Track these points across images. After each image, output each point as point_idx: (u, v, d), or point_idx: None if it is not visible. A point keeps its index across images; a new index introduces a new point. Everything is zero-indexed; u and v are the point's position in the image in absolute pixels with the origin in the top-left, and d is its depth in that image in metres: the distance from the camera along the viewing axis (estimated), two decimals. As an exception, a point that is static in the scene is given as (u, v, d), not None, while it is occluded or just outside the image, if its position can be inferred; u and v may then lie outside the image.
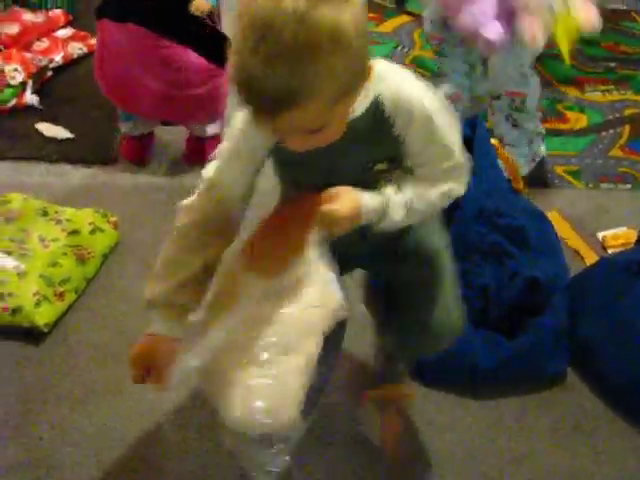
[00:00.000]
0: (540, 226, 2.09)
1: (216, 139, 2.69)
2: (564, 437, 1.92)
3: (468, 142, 2.02)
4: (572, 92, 3.28)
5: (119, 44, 2.46)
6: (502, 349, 1.92)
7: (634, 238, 2.29)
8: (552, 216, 2.53)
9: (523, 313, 1.97)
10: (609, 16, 3.86)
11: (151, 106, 2.54)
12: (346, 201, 1.33)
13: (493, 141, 2.43)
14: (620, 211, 2.64)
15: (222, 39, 2.41)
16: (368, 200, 1.35)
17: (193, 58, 2.47)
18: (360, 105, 1.29)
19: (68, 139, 2.74)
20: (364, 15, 1.17)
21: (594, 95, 3.28)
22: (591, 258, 2.37)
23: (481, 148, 2.08)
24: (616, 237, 2.48)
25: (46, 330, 2.04)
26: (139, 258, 2.32)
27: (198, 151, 2.66)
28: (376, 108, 1.30)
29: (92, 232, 2.27)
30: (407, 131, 1.33)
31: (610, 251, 2.42)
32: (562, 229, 2.50)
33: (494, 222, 2.02)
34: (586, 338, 2.03)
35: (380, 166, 1.37)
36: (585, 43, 3.61)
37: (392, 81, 1.31)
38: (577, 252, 2.43)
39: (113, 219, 2.35)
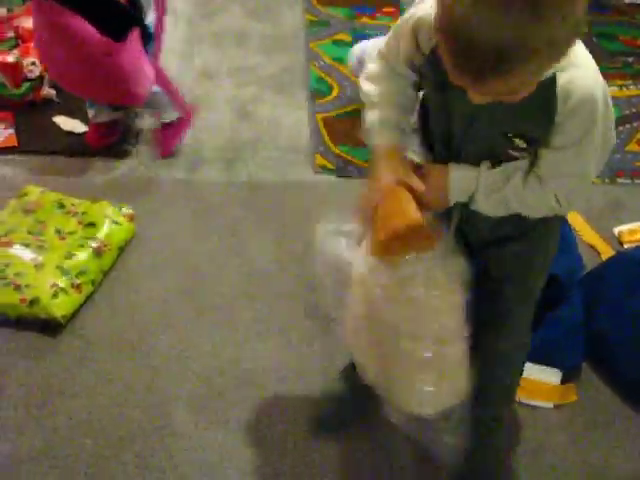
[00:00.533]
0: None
1: (175, 127, 2.72)
2: (579, 431, 1.92)
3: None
4: (589, 87, 3.26)
5: (42, 23, 2.40)
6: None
7: (651, 233, 2.29)
8: (568, 211, 2.53)
9: (541, 308, 1.96)
10: (626, 10, 3.86)
11: (74, 85, 2.52)
12: (433, 180, 1.37)
13: None
14: (637, 206, 2.63)
15: (122, 9, 2.37)
16: (456, 180, 1.36)
17: (90, 31, 2.32)
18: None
19: (85, 132, 2.75)
20: None
21: (611, 90, 3.24)
22: (607, 253, 2.37)
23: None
24: (632, 232, 2.47)
25: (63, 321, 2.05)
26: (155, 251, 2.33)
27: (159, 141, 2.71)
28: (550, 84, 1.23)
29: (108, 225, 2.28)
30: (564, 122, 1.26)
31: (626, 246, 2.41)
32: (578, 224, 2.50)
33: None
34: (601, 332, 2.03)
35: (518, 142, 1.31)
36: (603, 37, 3.60)
37: (577, 66, 1.24)
38: (593, 247, 2.43)
39: (129, 212, 2.36)
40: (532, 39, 1.05)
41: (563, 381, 1.97)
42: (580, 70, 1.24)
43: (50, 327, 2.06)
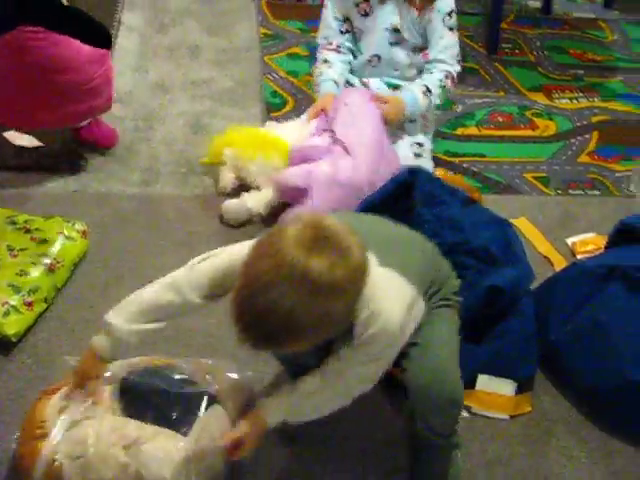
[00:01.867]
0: (504, 235, 2.08)
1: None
2: (536, 441, 1.93)
3: (409, 186, 2.10)
4: (541, 99, 3.31)
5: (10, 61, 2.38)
6: (472, 356, 1.93)
7: (603, 244, 2.31)
8: (521, 222, 2.56)
9: (488, 320, 1.98)
10: (576, 24, 3.92)
11: (49, 121, 2.53)
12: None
13: (437, 172, 2.60)
14: (589, 217, 2.67)
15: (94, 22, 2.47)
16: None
17: (80, 44, 2.40)
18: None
19: (37, 147, 2.71)
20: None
21: (562, 102, 3.31)
22: (561, 264, 2.39)
23: (424, 193, 2.10)
24: (585, 243, 2.50)
25: (15, 340, 2.02)
26: (109, 267, 2.30)
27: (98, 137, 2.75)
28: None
29: (61, 241, 2.25)
30: (360, 345, 1.49)
31: (580, 257, 2.43)
32: (532, 235, 2.53)
33: (461, 251, 2.01)
34: (555, 342, 2.05)
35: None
36: (554, 51, 3.65)
37: (376, 302, 1.44)
38: (547, 258, 2.45)
39: (82, 228, 2.33)
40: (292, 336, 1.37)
41: (518, 392, 1.99)
42: (380, 305, 1.45)
43: (2, 346, 2.02)
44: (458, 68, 2.73)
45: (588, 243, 2.50)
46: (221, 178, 2.58)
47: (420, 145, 2.68)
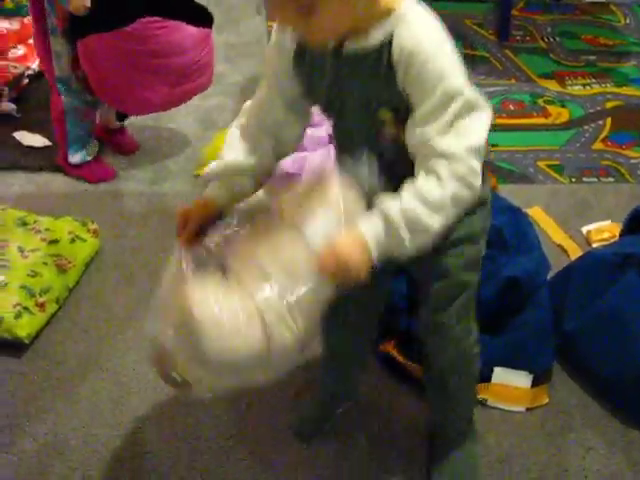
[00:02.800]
0: (517, 223, 2.07)
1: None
2: (553, 434, 1.91)
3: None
4: (553, 86, 3.28)
5: (113, 55, 2.42)
6: (488, 348, 1.91)
7: (619, 231, 2.29)
8: (535, 212, 2.53)
9: (505, 312, 1.96)
10: (588, 9, 3.88)
11: (162, 103, 2.57)
12: (346, 247, 1.27)
13: None
14: (604, 205, 2.64)
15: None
16: (368, 227, 1.28)
17: (189, 26, 2.47)
18: (372, 38, 1.28)
19: (46, 147, 2.71)
20: None
21: (575, 89, 3.28)
22: (576, 253, 2.36)
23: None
24: (600, 231, 2.47)
25: (28, 342, 2.01)
26: (120, 266, 2.30)
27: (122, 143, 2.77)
28: (386, 50, 1.27)
29: (72, 241, 2.25)
30: (406, 83, 1.28)
31: (595, 245, 2.40)
32: (546, 225, 2.50)
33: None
34: (572, 332, 2.02)
35: (383, 112, 1.32)
36: (565, 36, 3.62)
37: (411, 29, 1.26)
38: (562, 248, 2.43)
39: (93, 227, 2.33)
40: None
41: (534, 384, 1.96)
42: (407, 26, 1.26)
43: (15, 348, 2.02)
44: None
45: (603, 231, 2.47)
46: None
47: None
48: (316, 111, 1.70)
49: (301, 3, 1.21)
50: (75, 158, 2.59)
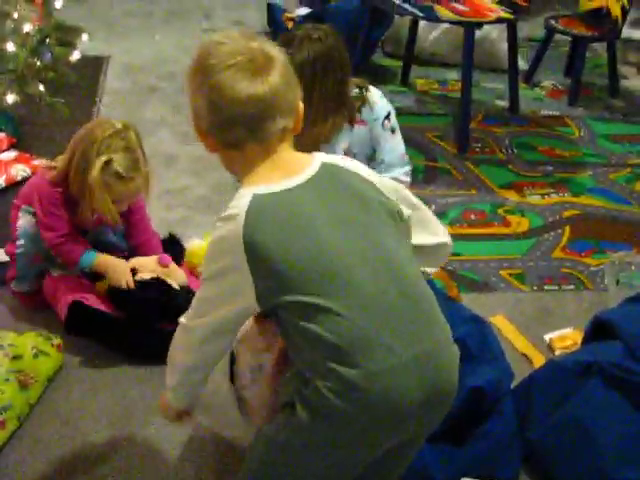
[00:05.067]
0: (480, 332, 2.09)
1: None
2: None
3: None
4: (512, 196, 3.36)
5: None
6: (455, 459, 1.90)
7: (580, 339, 2.31)
8: (498, 320, 2.56)
9: (469, 422, 1.95)
10: (543, 122, 4.02)
11: None
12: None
13: None
14: (566, 312, 2.68)
15: None
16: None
17: None
18: None
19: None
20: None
21: (534, 199, 3.36)
22: (539, 361, 2.38)
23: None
24: (563, 338, 2.50)
25: (-13, 461, 1.97)
26: (84, 381, 2.27)
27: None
28: None
29: (36, 356, 2.22)
30: None
31: (558, 353, 2.43)
32: (509, 333, 2.52)
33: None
34: (536, 441, 2.02)
35: None
36: (522, 148, 3.74)
37: None
38: (525, 355, 2.44)
39: (57, 342, 2.31)
40: None
41: (501, 494, 1.95)
42: None
43: (-26, 467, 1.97)
44: (408, 168, 2.69)
45: (566, 338, 2.50)
46: None
47: None
48: None
49: None
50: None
